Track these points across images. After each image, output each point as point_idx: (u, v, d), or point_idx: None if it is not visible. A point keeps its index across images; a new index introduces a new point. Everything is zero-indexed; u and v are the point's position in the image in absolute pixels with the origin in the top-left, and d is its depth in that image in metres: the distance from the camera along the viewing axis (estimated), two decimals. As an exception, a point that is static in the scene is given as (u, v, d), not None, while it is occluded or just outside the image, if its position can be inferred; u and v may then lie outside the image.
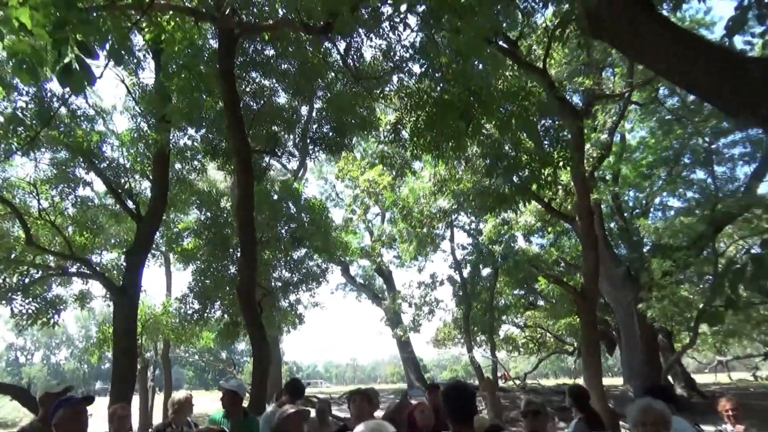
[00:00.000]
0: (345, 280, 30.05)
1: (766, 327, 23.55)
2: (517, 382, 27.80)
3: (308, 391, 16.38)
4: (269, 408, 5.90)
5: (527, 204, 15.62)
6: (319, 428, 5.58)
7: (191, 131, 12.40)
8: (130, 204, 11.74)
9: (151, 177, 11.72)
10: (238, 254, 10.98)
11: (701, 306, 14.44)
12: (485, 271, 22.86)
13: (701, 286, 16.21)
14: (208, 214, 13.51)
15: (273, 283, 14.33)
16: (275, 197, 13.46)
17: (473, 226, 22.50)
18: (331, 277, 24.98)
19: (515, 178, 9.80)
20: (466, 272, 23.41)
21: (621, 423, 9.19)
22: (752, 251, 16.02)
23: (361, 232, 25.29)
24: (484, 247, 20.40)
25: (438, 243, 21.55)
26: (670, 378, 18.59)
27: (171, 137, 11.48)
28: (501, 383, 26.16)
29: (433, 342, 27.84)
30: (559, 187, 14.42)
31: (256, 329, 8.61)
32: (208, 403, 15.28)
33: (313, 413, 5.60)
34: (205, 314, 13.81)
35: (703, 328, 22.22)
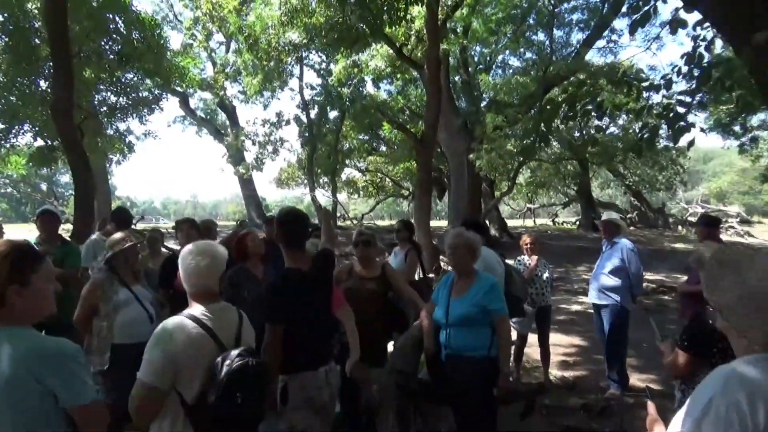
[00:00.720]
0: (184, 112, 28.06)
1: (570, 180, 27.29)
2: (355, 222, 29.53)
3: (143, 226, 15.75)
4: (93, 236, 5.56)
5: (379, 45, 15.38)
6: (151, 257, 5.44)
7: None
8: None
9: None
10: (51, 69, 9.41)
11: (521, 147, 15.89)
12: (332, 114, 22.81)
13: (525, 141, 17.88)
14: (8, 16, 11.10)
15: (98, 107, 12.76)
16: (95, 5, 11.41)
17: (323, 66, 21.83)
18: (169, 108, 23.13)
19: (368, 16, 9.43)
20: (313, 113, 23.14)
21: (441, 257, 10.27)
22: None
23: (202, 60, 23.19)
24: (333, 88, 20.05)
25: (286, 78, 20.61)
26: (487, 221, 21.02)
27: None
28: (340, 223, 27.61)
29: (276, 182, 27.97)
30: (411, 34, 14.31)
31: (77, 155, 7.76)
32: (25, 236, 14.00)
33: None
34: (12, 136, 12.03)
35: (520, 179, 25.09)
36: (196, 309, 2.32)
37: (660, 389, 5.29)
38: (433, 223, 22.96)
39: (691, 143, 4.28)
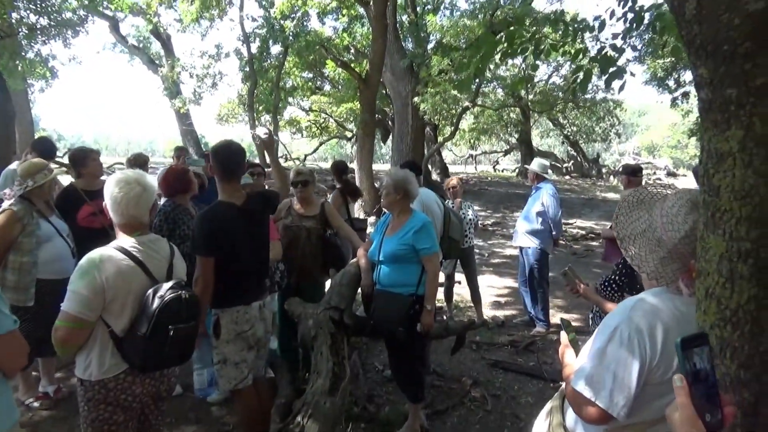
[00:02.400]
0: (114, 39, 26.16)
1: (511, 128, 27.76)
2: (297, 162, 29.06)
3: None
4: (12, 166, 5.23)
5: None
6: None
7: None
8: None
9: None
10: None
11: (457, 82, 15.89)
12: (275, 49, 21.86)
13: (461, 76, 17.80)
14: None
15: (16, 27, 11.67)
16: None
17: (266, -4, 20.70)
18: (98, 32, 21.41)
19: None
20: (254, 47, 22.11)
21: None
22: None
23: (133, -18, 21.41)
24: (275, 21, 19.16)
25: (225, 7, 19.48)
26: (429, 166, 21.19)
27: None
28: (282, 163, 27.06)
29: (216, 118, 26.98)
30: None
31: (-8, 78, 7.16)
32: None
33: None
34: None
35: (463, 125, 25.26)
36: (125, 241, 2.26)
37: (580, 326, 5.65)
38: (378, 167, 22.95)
39: (622, 87, 4.42)
